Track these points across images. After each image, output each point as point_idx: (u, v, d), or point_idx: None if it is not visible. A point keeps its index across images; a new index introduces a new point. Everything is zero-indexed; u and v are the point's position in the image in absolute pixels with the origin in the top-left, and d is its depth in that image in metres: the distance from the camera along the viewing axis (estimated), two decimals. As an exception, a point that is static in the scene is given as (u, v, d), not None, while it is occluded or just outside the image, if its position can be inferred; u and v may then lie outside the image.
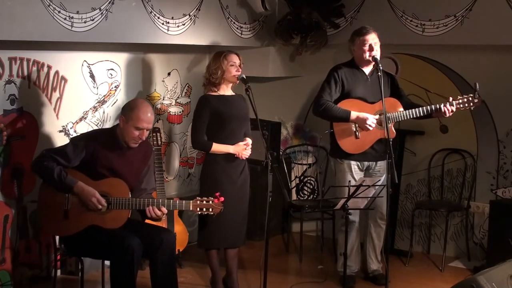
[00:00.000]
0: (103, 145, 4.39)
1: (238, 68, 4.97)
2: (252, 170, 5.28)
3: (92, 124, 5.50)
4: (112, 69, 5.65)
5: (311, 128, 6.82)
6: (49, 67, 5.13)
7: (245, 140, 5.04)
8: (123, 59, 5.73)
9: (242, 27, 6.14)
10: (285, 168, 6.35)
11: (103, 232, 4.31)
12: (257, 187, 5.82)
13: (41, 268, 5.22)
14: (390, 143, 4.70)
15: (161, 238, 4.37)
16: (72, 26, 4.66)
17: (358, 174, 5.23)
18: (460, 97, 5.12)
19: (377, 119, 5.12)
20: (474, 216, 6.13)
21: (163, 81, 6.16)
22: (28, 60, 4.97)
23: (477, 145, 6.10)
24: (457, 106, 5.11)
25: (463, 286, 3.73)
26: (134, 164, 4.50)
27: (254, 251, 6.10)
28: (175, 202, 4.43)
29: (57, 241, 4.63)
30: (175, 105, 6.31)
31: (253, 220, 5.84)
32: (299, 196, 6.54)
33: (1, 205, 4.91)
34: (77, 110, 5.41)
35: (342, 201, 4.64)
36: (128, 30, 5.12)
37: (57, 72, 5.20)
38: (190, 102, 6.41)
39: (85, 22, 4.74)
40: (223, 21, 5.94)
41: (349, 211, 4.70)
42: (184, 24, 5.56)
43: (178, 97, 6.33)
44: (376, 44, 5.13)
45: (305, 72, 6.74)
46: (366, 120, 5.05)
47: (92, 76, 5.49)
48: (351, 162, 5.22)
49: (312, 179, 6.60)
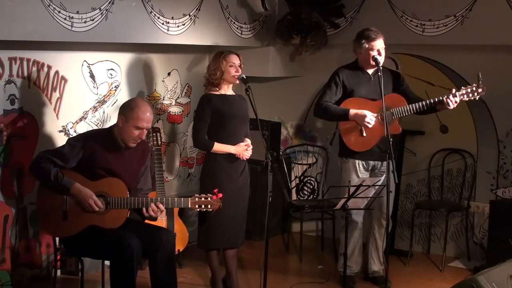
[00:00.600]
0: (101, 145, 4.38)
1: (237, 69, 4.96)
2: (252, 170, 5.29)
3: (92, 124, 5.50)
4: (112, 69, 5.65)
5: (311, 128, 6.82)
6: (49, 67, 5.13)
7: (246, 141, 5.05)
8: (123, 59, 5.73)
9: (242, 27, 6.14)
10: (285, 168, 6.35)
11: (103, 232, 4.30)
12: (257, 187, 5.82)
13: (41, 268, 5.22)
14: (391, 143, 4.69)
15: (161, 238, 4.36)
16: (72, 26, 4.66)
17: (363, 174, 5.22)
18: (464, 87, 5.08)
19: (381, 116, 5.11)
20: (474, 216, 6.13)
21: (163, 81, 6.16)
22: (28, 60, 4.97)
23: (477, 145, 6.10)
24: (461, 97, 5.04)
25: (463, 286, 3.72)
26: (131, 164, 4.49)
27: (254, 251, 6.11)
28: (174, 199, 4.44)
29: (57, 241, 4.62)
30: (175, 105, 6.31)
31: (253, 220, 5.85)
32: (299, 196, 6.54)
33: (1, 205, 4.91)
34: (77, 110, 5.41)
35: (342, 201, 4.64)
36: (128, 30, 5.12)
37: (57, 72, 5.20)
38: (190, 102, 6.41)
39: (85, 22, 4.74)
40: (223, 21, 5.94)
41: (351, 211, 4.70)
42: (184, 24, 5.56)
43: (178, 97, 6.33)
44: (383, 49, 5.11)
45: (305, 72, 6.74)
46: (365, 117, 5.05)
47: (92, 76, 5.49)
48: (356, 161, 5.22)
49: (312, 179, 6.60)
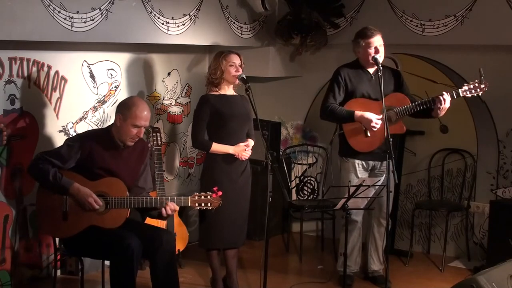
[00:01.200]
0: (99, 145, 4.38)
1: (237, 68, 4.96)
2: (252, 170, 5.28)
3: (92, 124, 5.50)
4: (112, 69, 5.65)
5: (311, 128, 6.82)
6: (49, 67, 5.13)
7: (246, 141, 5.05)
8: (123, 59, 5.73)
9: (242, 27, 6.14)
10: (285, 168, 6.35)
11: (103, 232, 4.30)
12: (257, 187, 5.82)
13: (41, 268, 5.22)
14: (390, 143, 4.69)
15: (161, 238, 4.36)
16: (72, 26, 4.67)
17: (363, 174, 5.22)
18: (466, 84, 5.06)
19: (381, 117, 5.11)
20: (474, 216, 6.13)
21: (163, 81, 6.16)
22: (28, 60, 4.97)
23: (477, 145, 6.10)
24: (464, 93, 5.03)
25: (463, 286, 3.72)
26: (130, 163, 4.49)
27: (254, 251, 6.11)
28: (173, 198, 4.43)
29: (57, 241, 4.62)
30: (175, 105, 6.31)
31: (253, 220, 5.84)
32: (299, 196, 6.54)
33: (1, 205, 4.91)
34: (77, 110, 5.41)
35: (342, 201, 4.64)
36: (128, 30, 5.12)
37: (57, 72, 5.20)
38: (190, 102, 6.41)
39: (85, 22, 4.74)
40: (223, 21, 5.94)
41: (350, 211, 4.71)
42: (184, 24, 5.56)
43: (178, 97, 6.33)
44: (381, 46, 5.12)
45: (305, 72, 6.74)
46: (371, 121, 5.04)
47: (92, 76, 5.49)
48: (356, 161, 5.22)
49: (312, 179, 6.60)
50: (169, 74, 6.21)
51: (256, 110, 4.60)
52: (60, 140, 5.12)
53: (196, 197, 4.42)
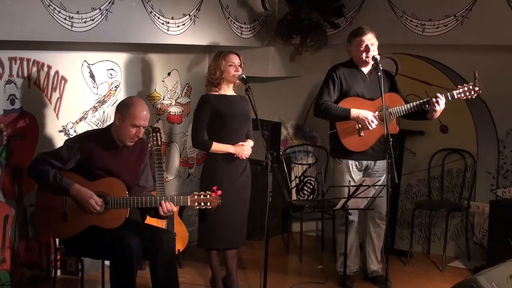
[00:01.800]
0: (98, 145, 4.38)
1: (237, 68, 4.96)
2: (252, 170, 5.29)
3: (92, 124, 5.50)
4: (112, 69, 5.65)
5: (311, 128, 6.82)
6: (49, 67, 5.13)
7: (247, 141, 5.05)
8: (123, 59, 5.73)
9: (242, 27, 6.14)
10: (285, 168, 6.35)
11: (103, 232, 4.30)
12: (257, 187, 5.82)
13: (41, 268, 5.22)
14: (390, 142, 4.69)
15: (161, 239, 4.35)
16: (72, 26, 4.67)
17: (357, 174, 5.23)
18: (461, 86, 5.10)
19: (377, 115, 5.12)
20: (474, 216, 6.13)
21: (163, 81, 6.16)
22: (28, 60, 4.97)
23: (477, 145, 6.10)
24: (458, 96, 5.08)
25: (463, 286, 3.72)
26: (130, 163, 4.48)
27: (254, 251, 6.11)
28: (173, 198, 4.44)
29: (57, 241, 4.62)
30: (175, 105, 6.30)
31: (253, 220, 5.84)
32: (299, 196, 6.53)
33: (1, 205, 4.91)
34: (77, 110, 5.41)
35: (342, 201, 4.64)
36: (128, 30, 5.12)
37: (57, 72, 5.20)
38: (190, 102, 6.41)
39: (85, 22, 4.74)
40: (223, 21, 5.94)
41: (349, 211, 4.71)
42: (184, 24, 5.56)
43: (178, 97, 6.33)
44: (373, 44, 5.13)
45: (305, 72, 6.74)
46: (367, 119, 5.05)
47: (92, 76, 5.49)
48: (350, 162, 5.22)
49: (312, 179, 6.60)
50: (169, 74, 6.20)
51: (256, 110, 4.60)
52: (60, 140, 5.12)
53: (196, 197, 4.42)
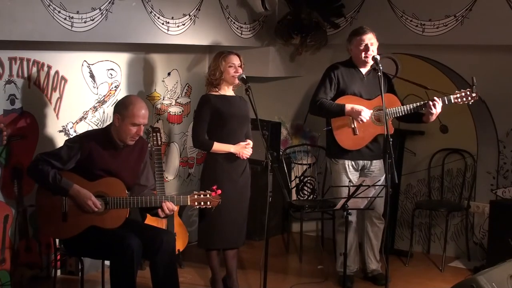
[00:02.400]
0: (98, 145, 4.37)
1: (237, 69, 4.96)
2: (252, 170, 5.29)
3: (92, 124, 5.50)
4: (112, 69, 5.65)
5: (311, 128, 6.82)
6: (49, 67, 5.13)
7: (246, 142, 5.05)
8: (123, 59, 5.73)
9: (242, 27, 6.14)
10: (285, 168, 6.35)
11: (103, 232, 4.30)
12: (257, 187, 5.82)
13: (41, 268, 5.22)
14: (390, 142, 4.69)
15: (161, 239, 4.36)
16: (72, 26, 4.67)
17: (353, 174, 5.23)
18: (458, 91, 5.12)
19: (375, 115, 5.13)
20: (474, 216, 6.13)
21: (163, 81, 6.16)
22: (28, 60, 4.97)
23: (477, 145, 6.10)
24: (455, 100, 5.11)
25: (463, 286, 3.72)
26: (130, 163, 4.48)
27: (254, 251, 6.11)
28: (173, 197, 4.44)
29: (57, 241, 4.62)
30: (175, 105, 6.31)
31: (253, 220, 5.84)
32: (299, 196, 6.53)
33: (1, 205, 4.91)
34: (77, 110, 5.41)
35: (342, 201, 4.64)
36: (128, 30, 5.12)
37: (57, 72, 5.20)
38: (190, 102, 6.41)
39: (85, 22, 4.74)
40: (223, 21, 5.94)
41: (349, 211, 4.71)
42: (184, 24, 5.56)
43: (178, 97, 6.33)
44: (373, 44, 5.14)
45: (305, 72, 6.74)
46: (361, 112, 5.05)
47: (92, 76, 5.49)
48: (346, 162, 5.22)
49: (312, 179, 6.60)
50: (169, 74, 6.20)
51: (256, 110, 4.60)
52: (60, 140, 5.12)
53: (196, 196, 4.42)
